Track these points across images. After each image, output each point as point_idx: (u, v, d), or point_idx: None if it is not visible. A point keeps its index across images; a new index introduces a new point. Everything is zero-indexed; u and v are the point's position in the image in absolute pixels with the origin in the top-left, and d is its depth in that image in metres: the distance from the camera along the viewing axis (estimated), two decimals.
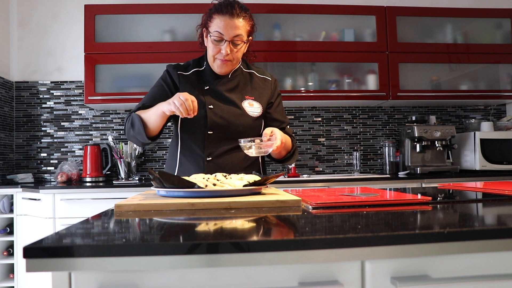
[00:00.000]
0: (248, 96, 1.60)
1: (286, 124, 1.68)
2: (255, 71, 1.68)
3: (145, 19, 2.91)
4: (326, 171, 3.28)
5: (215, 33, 1.48)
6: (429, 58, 3.02)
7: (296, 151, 1.65)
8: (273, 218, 0.89)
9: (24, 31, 3.14)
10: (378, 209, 0.97)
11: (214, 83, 1.58)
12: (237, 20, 1.48)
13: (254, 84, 1.64)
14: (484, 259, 0.73)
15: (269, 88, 1.66)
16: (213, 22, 1.50)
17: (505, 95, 3.11)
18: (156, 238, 0.72)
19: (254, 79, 1.65)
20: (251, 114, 1.57)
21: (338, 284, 0.69)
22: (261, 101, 1.62)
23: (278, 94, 1.71)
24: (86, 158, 2.91)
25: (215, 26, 1.49)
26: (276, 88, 1.69)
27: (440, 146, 2.97)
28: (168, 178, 1.10)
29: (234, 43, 1.50)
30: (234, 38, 1.49)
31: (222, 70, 1.56)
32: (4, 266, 2.64)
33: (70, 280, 0.66)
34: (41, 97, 3.14)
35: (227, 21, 1.47)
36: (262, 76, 1.68)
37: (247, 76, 1.65)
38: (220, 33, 1.48)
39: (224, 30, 1.47)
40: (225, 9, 1.47)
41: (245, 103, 1.58)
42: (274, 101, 1.67)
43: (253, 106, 1.58)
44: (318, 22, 3.03)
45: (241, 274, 0.68)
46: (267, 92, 1.65)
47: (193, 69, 1.62)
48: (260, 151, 1.38)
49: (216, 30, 1.48)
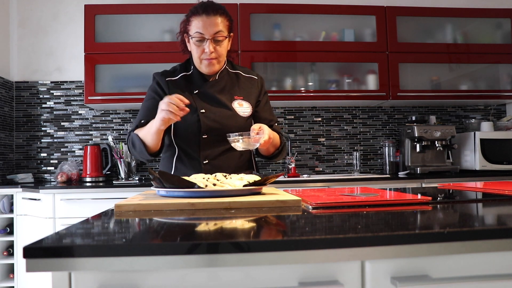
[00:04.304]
0: (237, 96, 1.61)
1: (274, 122, 1.70)
2: (240, 71, 1.69)
3: (145, 19, 2.91)
4: (326, 171, 3.28)
5: (195, 34, 1.51)
6: (429, 58, 3.02)
7: (284, 148, 1.66)
8: (273, 218, 0.89)
9: (24, 31, 3.14)
10: (378, 209, 0.97)
11: (203, 86, 1.59)
12: (214, 18, 1.50)
13: (241, 84, 1.65)
14: (484, 259, 0.73)
15: (256, 87, 1.67)
16: (192, 25, 1.52)
17: (505, 95, 3.11)
18: (156, 238, 0.72)
19: (241, 79, 1.67)
20: (242, 114, 1.59)
21: (338, 284, 0.69)
22: (250, 100, 1.63)
23: (265, 92, 1.71)
24: (86, 158, 2.91)
25: (195, 28, 1.51)
26: (262, 86, 1.70)
27: (440, 146, 2.97)
28: (168, 178, 1.10)
29: (216, 40, 1.52)
30: (215, 35, 1.51)
31: (210, 69, 1.56)
32: (4, 266, 2.64)
33: (70, 280, 0.66)
34: (41, 97, 3.14)
35: (205, 20, 1.49)
36: (248, 76, 1.69)
37: (234, 77, 1.66)
38: (200, 33, 1.50)
39: (203, 29, 1.49)
40: (201, 9, 1.51)
41: (235, 103, 1.59)
42: (262, 99, 1.68)
43: (242, 106, 1.60)
44: (318, 22, 3.03)
45: (241, 274, 0.68)
46: (254, 91, 1.66)
47: (180, 74, 1.62)
48: (247, 145, 1.40)
49: (196, 31, 1.50)
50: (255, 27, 2.93)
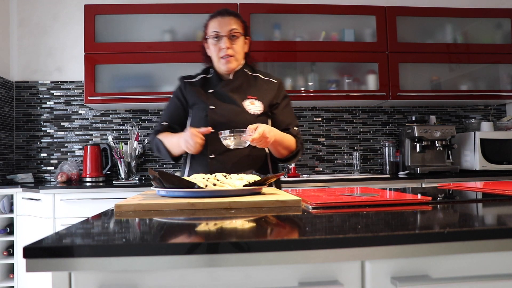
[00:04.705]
0: (250, 96, 1.65)
1: (293, 125, 1.69)
2: (260, 74, 1.74)
3: (145, 19, 2.91)
4: (326, 171, 3.28)
5: (212, 33, 1.62)
6: (429, 58, 3.02)
7: (298, 152, 1.67)
8: (273, 218, 0.89)
9: (24, 31, 3.14)
10: (378, 209, 0.97)
11: (218, 86, 1.67)
12: (228, 18, 1.62)
13: (258, 86, 1.69)
14: (484, 259, 0.73)
15: (273, 90, 1.70)
16: (209, 27, 1.65)
17: (505, 95, 3.11)
18: (156, 238, 0.72)
19: (258, 81, 1.71)
20: (251, 112, 1.62)
21: (338, 284, 0.69)
22: (263, 100, 1.65)
23: (285, 96, 1.73)
24: (86, 158, 2.91)
25: (211, 29, 1.63)
26: (281, 89, 1.72)
27: (440, 146, 2.97)
28: (168, 178, 1.10)
29: (231, 36, 1.61)
30: (230, 32, 1.61)
31: (228, 66, 1.63)
32: (4, 266, 2.64)
33: (70, 280, 0.66)
34: (41, 97, 3.14)
35: (220, 20, 1.62)
36: (267, 79, 1.73)
37: (252, 79, 1.71)
38: (216, 31, 1.61)
39: (219, 27, 1.61)
40: (216, 13, 1.64)
41: (247, 102, 1.63)
42: (280, 102, 1.70)
43: (254, 105, 1.64)
44: (318, 22, 3.03)
45: (241, 274, 0.68)
46: (270, 93, 1.68)
47: (200, 76, 1.74)
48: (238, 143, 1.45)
49: (212, 31, 1.62)
50: (255, 27, 2.93)
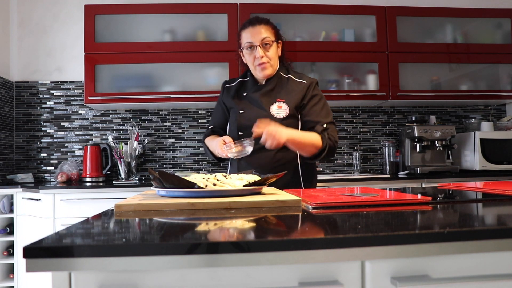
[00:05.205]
0: (279, 99, 1.72)
1: (321, 123, 1.68)
2: (293, 76, 1.78)
3: (145, 19, 2.91)
4: (326, 171, 3.28)
5: (246, 44, 1.72)
6: (429, 58, 3.02)
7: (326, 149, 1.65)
8: (273, 218, 0.89)
9: (24, 31, 3.14)
10: (378, 209, 0.97)
11: (251, 90, 1.77)
12: (259, 27, 1.70)
13: (289, 88, 1.74)
14: (484, 259, 0.73)
15: (302, 91, 1.73)
16: (242, 38, 1.74)
17: (505, 95, 3.11)
18: (156, 238, 0.72)
19: (289, 83, 1.75)
20: (277, 116, 1.69)
21: (338, 284, 0.69)
22: (290, 103, 1.71)
23: (313, 96, 1.73)
24: (86, 158, 2.91)
25: (244, 39, 1.73)
26: (309, 90, 1.73)
27: (440, 146, 2.97)
28: (168, 178, 1.10)
29: (264, 44, 1.70)
30: (263, 41, 1.69)
31: (265, 73, 1.72)
32: (4, 266, 2.64)
33: (70, 280, 0.66)
34: (41, 97, 3.14)
35: (251, 30, 1.71)
36: (299, 80, 1.76)
37: (284, 81, 1.76)
38: (250, 42, 1.71)
39: (251, 38, 1.70)
40: (247, 23, 1.73)
41: (274, 105, 1.71)
42: (307, 103, 1.72)
43: (281, 108, 1.70)
44: (318, 22, 3.03)
45: (241, 274, 0.68)
46: (298, 94, 1.72)
47: (239, 80, 1.85)
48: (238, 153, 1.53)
49: (246, 42, 1.72)
50: None
